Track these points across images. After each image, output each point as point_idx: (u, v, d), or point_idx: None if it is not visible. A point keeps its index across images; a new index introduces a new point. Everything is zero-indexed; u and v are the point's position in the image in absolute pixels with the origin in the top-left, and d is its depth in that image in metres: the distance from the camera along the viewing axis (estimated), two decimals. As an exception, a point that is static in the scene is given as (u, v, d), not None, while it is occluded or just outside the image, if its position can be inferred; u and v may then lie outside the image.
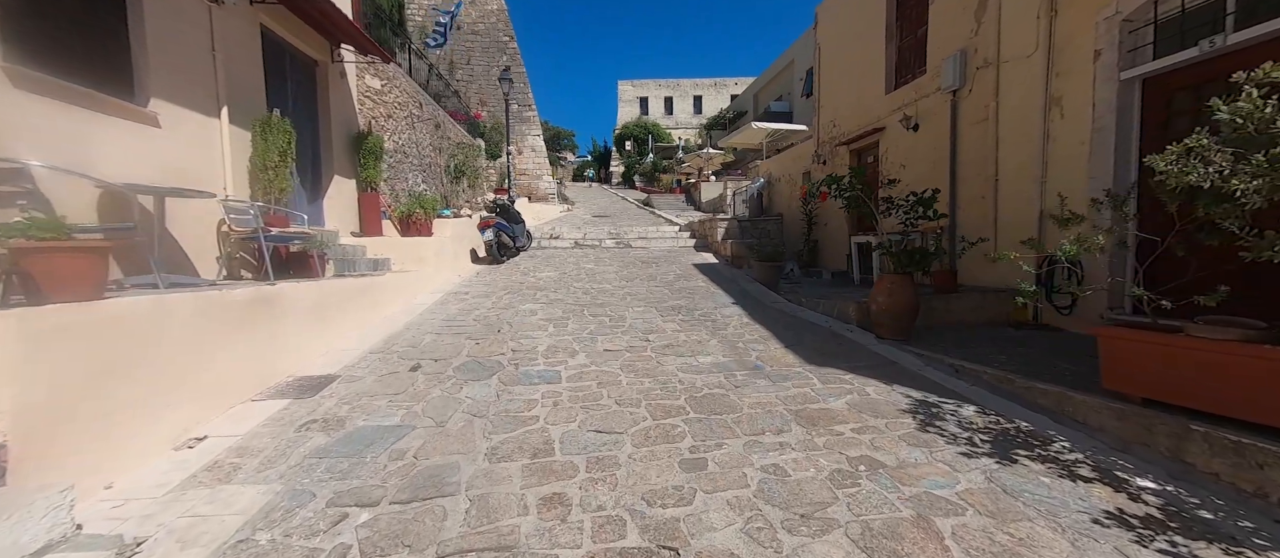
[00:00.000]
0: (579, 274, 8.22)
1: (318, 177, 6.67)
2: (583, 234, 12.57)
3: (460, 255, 8.55)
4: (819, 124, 10.70)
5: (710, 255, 10.40)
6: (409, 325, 5.19)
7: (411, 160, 9.20)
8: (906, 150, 7.78)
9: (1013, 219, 5.87)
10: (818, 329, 5.22)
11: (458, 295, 6.57)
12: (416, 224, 7.14)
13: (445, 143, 10.97)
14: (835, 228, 10.01)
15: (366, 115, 7.67)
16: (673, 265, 9.11)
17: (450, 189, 11.04)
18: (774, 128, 21.07)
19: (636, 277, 8.01)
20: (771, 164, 13.72)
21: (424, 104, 10.02)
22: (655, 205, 21.05)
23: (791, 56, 25.35)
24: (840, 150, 9.76)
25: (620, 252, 10.73)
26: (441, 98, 12.53)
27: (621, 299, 6.51)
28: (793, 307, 6.17)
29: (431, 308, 5.91)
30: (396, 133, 8.58)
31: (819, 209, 10.46)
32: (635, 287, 7.30)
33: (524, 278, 7.89)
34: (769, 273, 7.40)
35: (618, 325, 5.29)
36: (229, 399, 3.22)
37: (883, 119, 8.36)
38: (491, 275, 8.02)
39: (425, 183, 9.92)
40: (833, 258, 10.12)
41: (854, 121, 9.24)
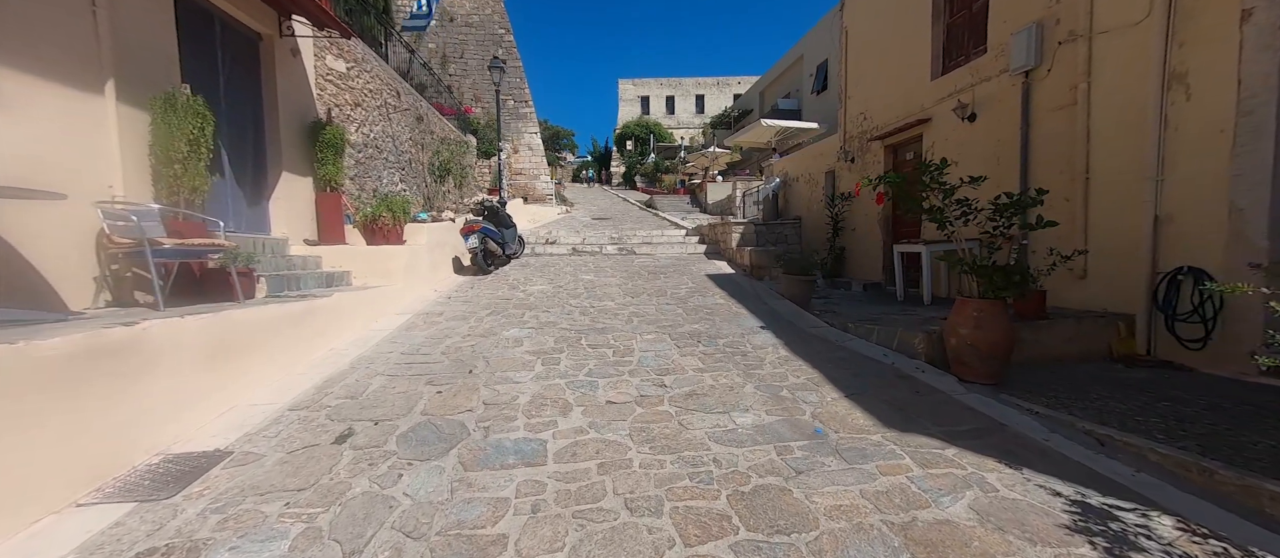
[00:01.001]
0: (576, 288, 7.09)
1: (261, 173, 5.56)
2: (582, 239, 11.46)
3: (440, 266, 7.43)
4: (845, 117, 9.59)
5: (724, 264, 9.28)
6: (358, 362, 4.07)
7: (386, 156, 8.08)
8: (958, 144, 6.66)
9: (1113, 226, 4.75)
10: (879, 368, 4.10)
11: (429, 317, 5.45)
12: (383, 230, 6.03)
13: (429, 138, 9.86)
14: (865, 233, 8.89)
15: (328, 102, 6.56)
16: (683, 276, 7.99)
17: (434, 189, 9.93)
18: (784, 125, 20.03)
19: (643, 291, 6.89)
20: (788, 163, 12.61)
21: (403, 94, 8.91)
22: (658, 207, 19.94)
23: (801, 51, 24.30)
24: (872, 146, 8.64)
25: (623, 259, 9.61)
26: (426, 89, 11.43)
27: (627, 322, 5.39)
28: (836, 333, 5.05)
29: (393, 336, 4.78)
30: (367, 124, 7.47)
31: (847, 212, 9.35)
32: (643, 304, 6.17)
33: (512, 293, 6.76)
34: (800, 288, 6.29)
35: (623, 361, 4.16)
36: (35, 507, 2.10)
37: (927, 109, 7.25)
38: (474, 290, 6.89)
39: (404, 182, 8.80)
40: (862, 267, 9.00)
41: (890, 113, 8.13)
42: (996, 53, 6.05)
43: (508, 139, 19.80)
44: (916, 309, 5.93)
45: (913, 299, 6.72)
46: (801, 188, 11.65)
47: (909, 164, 7.94)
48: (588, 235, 11.76)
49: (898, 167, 8.22)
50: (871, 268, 8.69)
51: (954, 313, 4.00)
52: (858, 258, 9.10)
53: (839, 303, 6.74)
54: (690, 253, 10.39)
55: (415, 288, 6.30)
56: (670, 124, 44.23)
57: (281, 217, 5.72)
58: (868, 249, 8.80)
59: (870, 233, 8.73)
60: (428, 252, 6.84)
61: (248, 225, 5.34)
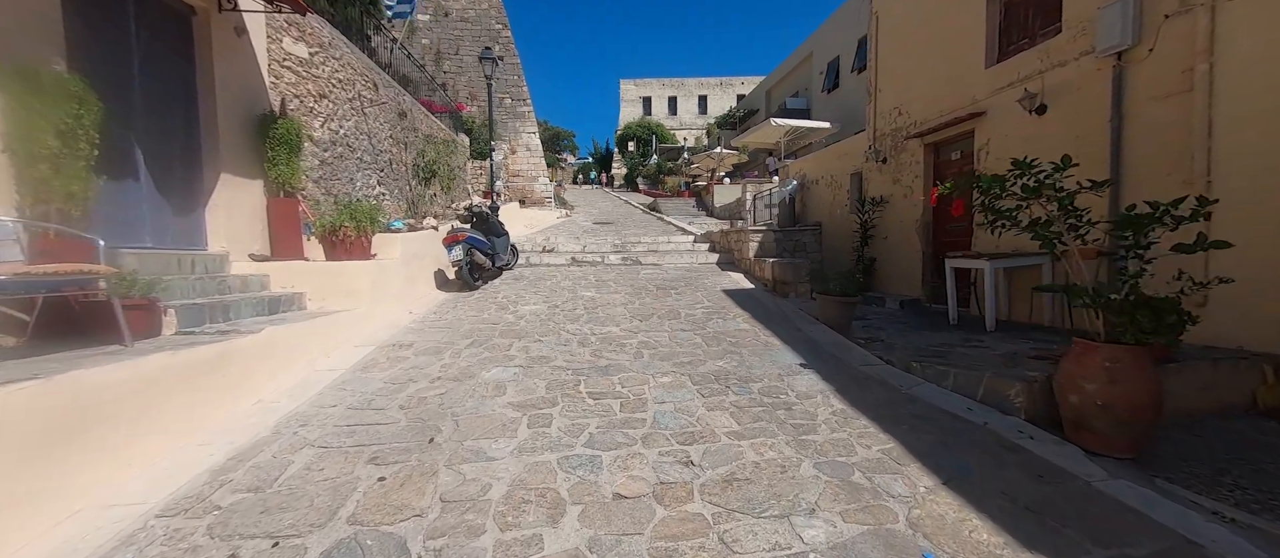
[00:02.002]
0: (575, 308, 6.12)
1: (192, 175, 4.60)
2: (582, 246, 10.50)
3: (418, 281, 6.46)
4: (875, 113, 8.62)
5: (740, 276, 8.31)
6: (286, 423, 3.10)
7: (360, 156, 7.13)
8: (1022, 141, 5.69)
9: (1250, 241, 3.77)
10: (971, 432, 3.12)
11: (395, 351, 4.48)
12: (345, 243, 5.06)
13: (413, 136, 8.90)
14: (899, 241, 7.92)
15: (284, 92, 5.60)
16: (697, 292, 7.02)
17: (419, 193, 8.97)
18: (794, 125, 19.09)
19: (653, 312, 5.91)
20: (806, 164, 11.65)
21: (382, 86, 7.96)
22: (662, 211, 19.00)
23: (810, 49, 23.37)
24: (908, 145, 7.67)
25: (628, 271, 8.64)
26: (412, 83, 10.48)
27: (635, 356, 4.42)
28: (897, 375, 4.06)
29: (343, 380, 3.81)
30: (336, 119, 6.51)
31: (878, 218, 8.38)
32: (654, 331, 5.20)
33: (500, 315, 5.79)
34: (839, 312, 5.31)
35: (634, 420, 3.19)
36: None
37: (980, 101, 6.27)
38: (457, 310, 5.92)
39: (383, 186, 7.84)
40: (896, 280, 8.02)
41: (931, 107, 7.16)
42: (1076, 32, 5.09)
43: (505, 139, 18.88)
44: (980, 337, 4.95)
45: (969, 322, 5.74)
46: (822, 191, 10.68)
47: (955, 165, 6.98)
48: (588, 242, 10.81)
49: (940, 168, 7.25)
50: (907, 281, 7.72)
51: (1073, 361, 3.03)
52: (891, 270, 8.12)
53: (880, 326, 5.77)
54: (701, 263, 9.42)
55: (385, 310, 5.34)
56: (673, 125, 43.42)
57: (221, 228, 4.76)
58: (903, 260, 7.83)
59: (906, 241, 7.76)
60: (402, 266, 5.87)
61: (175, 240, 4.39)
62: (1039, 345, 4.40)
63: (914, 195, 7.57)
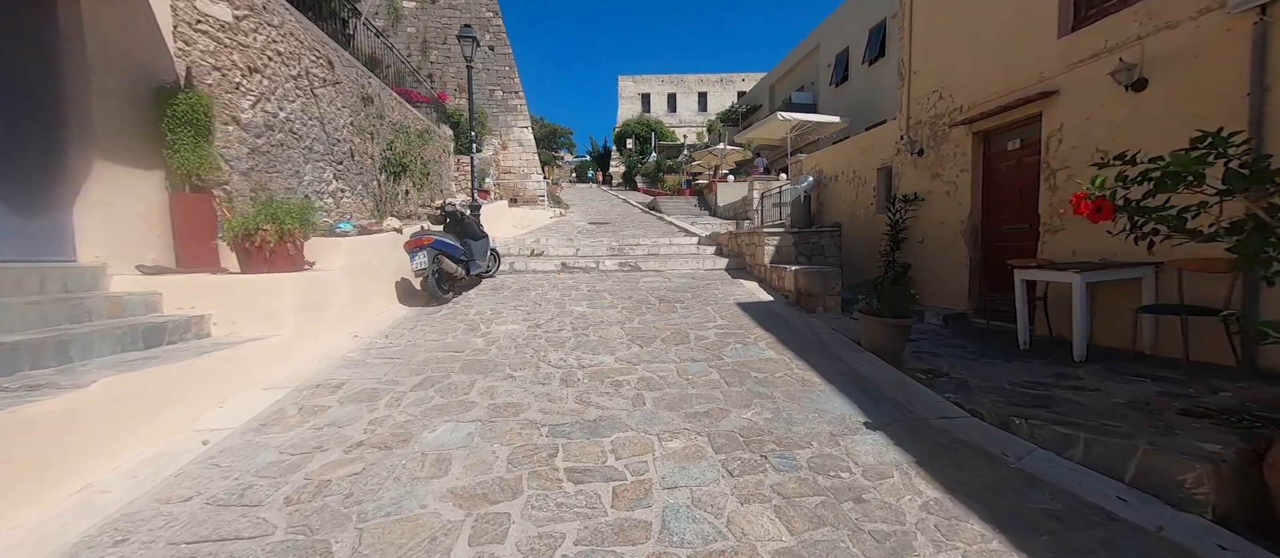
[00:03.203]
0: (561, 328, 5.04)
1: (52, 163, 3.50)
2: (575, 249, 9.42)
3: (373, 295, 5.37)
4: (908, 99, 7.55)
5: (754, 285, 7.23)
6: (94, 539, 2.02)
7: (308, 145, 6.03)
8: (1110, 125, 4.64)
9: None
10: (1145, 546, 2.04)
11: (314, 397, 3.39)
12: (262, 250, 3.96)
13: (380, 125, 7.80)
14: (940, 246, 6.85)
15: (197, 62, 4.50)
16: (707, 306, 5.95)
17: (389, 190, 7.88)
18: (802, 119, 18.05)
19: (656, 335, 4.83)
20: (823, 159, 10.57)
21: (340, 64, 6.86)
22: (663, 210, 17.92)
23: (816, 41, 22.35)
24: (952, 134, 6.61)
25: (626, 279, 7.56)
26: (382, 67, 9.37)
27: (634, 402, 3.34)
28: (995, 436, 2.96)
29: (221, 449, 2.72)
30: (273, 99, 5.42)
31: (913, 219, 7.31)
32: (657, 361, 4.12)
33: (467, 338, 4.70)
34: (889, 338, 4.24)
35: (633, 524, 2.12)
36: None
37: (1051, 78, 5.21)
38: (414, 333, 4.83)
39: (341, 180, 6.75)
40: (936, 290, 6.95)
41: (984, 88, 6.09)
42: (1193, -17, 4.02)
43: (495, 134, 17.79)
44: (1073, 371, 3.89)
45: (1044, 347, 4.68)
46: (842, 188, 9.61)
47: (1013, 156, 5.91)
48: (582, 245, 9.72)
49: (992, 160, 6.19)
50: (950, 292, 6.65)
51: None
52: (929, 279, 7.06)
53: (931, 350, 4.70)
54: (708, 269, 8.35)
55: (320, 335, 4.25)
56: (672, 122, 42.46)
57: (98, 230, 3.67)
58: (944, 268, 6.77)
59: (947, 246, 6.69)
60: (348, 278, 4.78)
61: (26, 247, 3.30)
62: (1170, 389, 3.34)
63: (959, 192, 6.50)
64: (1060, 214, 5.13)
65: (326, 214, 6.39)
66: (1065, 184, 5.07)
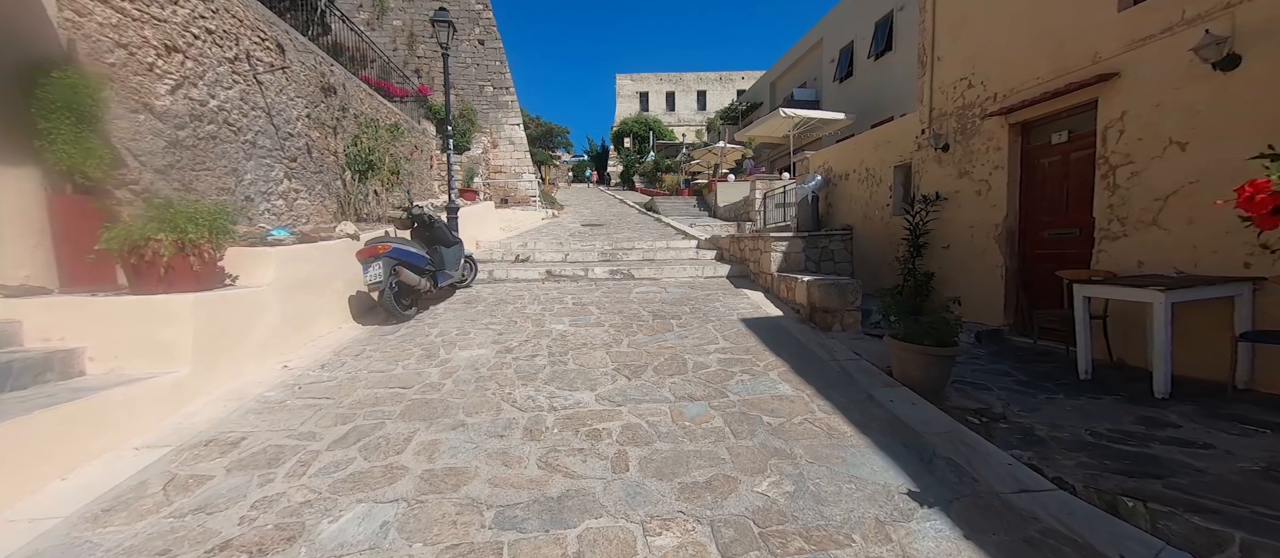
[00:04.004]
0: (536, 354, 4.27)
1: None
2: (563, 254, 8.66)
3: (315, 315, 4.59)
4: (931, 89, 6.78)
5: (759, 296, 6.47)
6: None
7: (251, 139, 5.26)
8: (1187, 112, 3.88)
9: None
10: None
11: (197, 461, 2.61)
12: (155, 266, 3.18)
13: (344, 118, 7.03)
14: (968, 252, 6.09)
15: (91, 34, 3.72)
16: (707, 322, 5.18)
17: (356, 192, 7.10)
18: (806, 115, 17.33)
19: (647, 363, 4.06)
20: (831, 156, 9.81)
21: (294, 50, 6.09)
22: (660, 211, 17.15)
23: (820, 35, 21.62)
24: (985, 125, 5.84)
25: (617, 289, 6.79)
26: (344, 53, 8.59)
27: (614, 468, 2.57)
28: (1099, 521, 2.21)
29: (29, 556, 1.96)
30: (200, 84, 4.64)
31: (937, 222, 6.55)
32: (647, 401, 3.35)
33: (420, 368, 3.92)
34: (931, 371, 3.47)
35: None
36: None
37: (1111, 58, 4.44)
38: (358, 362, 4.05)
39: (295, 180, 5.98)
40: (965, 303, 6.16)
41: (1024, 74, 5.33)
42: (1310, -67, 3.26)
43: (484, 131, 17.02)
44: (1159, 412, 3.13)
45: (1110, 377, 3.92)
46: (853, 188, 8.85)
47: (1059, 149, 5.15)
48: (572, 249, 8.96)
49: (1033, 155, 5.42)
50: (981, 304, 5.87)
51: None
52: (956, 289, 6.28)
53: (972, 378, 3.94)
54: (708, 277, 7.59)
55: (235, 369, 3.48)
56: (671, 121, 41.80)
57: (-63, 243, 2.89)
58: (974, 277, 6.00)
59: (979, 253, 5.93)
60: (277, 297, 4.01)
61: None
62: (1310, 448, 2.58)
63: (992, 192, 5.74)
64: (1120, 219, 4.37)
65: (276, 217, 5.63)
66: (1128, 183, 4.31)
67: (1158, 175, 4.11)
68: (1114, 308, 4.31)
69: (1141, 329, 4.12)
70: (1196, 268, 3.83)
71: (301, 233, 4.71)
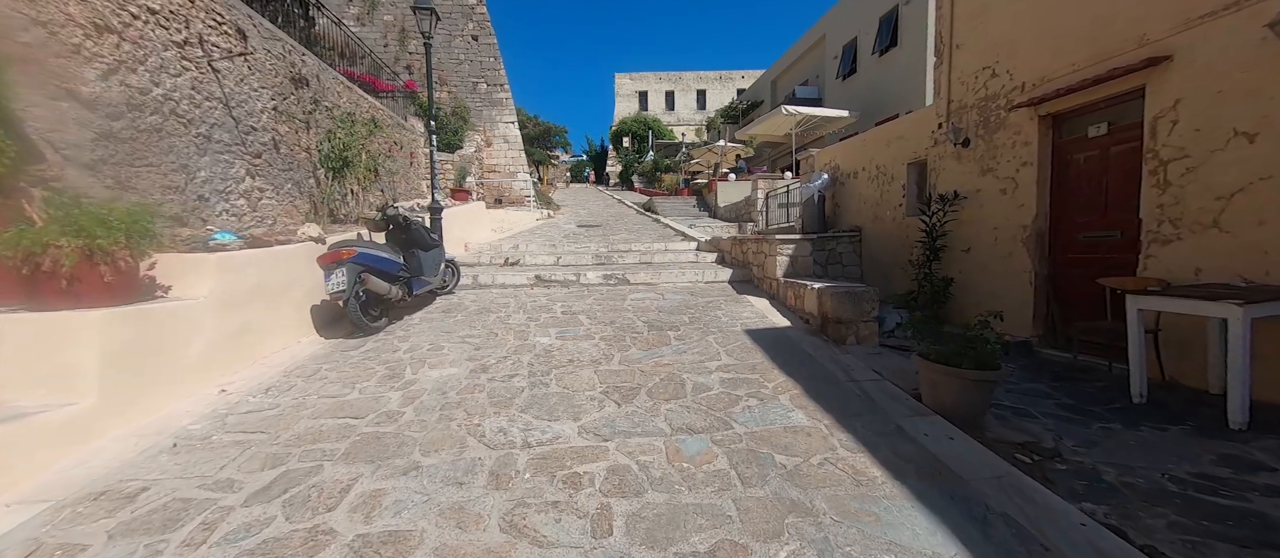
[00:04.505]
0: (515, 375, 3.77)
1: None
2: (556, 257, 8.18)
3: (266, 330, 4.10)
4: (949, 79, 6.29)
5: (763, 304, 5.97)
6: None
7: (204, 133, 4.77)
8: (1264, 98, 3.39)
9: None
10: None
11: (74, 525, 2.10)
12: (55, 277, 2.69)
13: (316, 112, 6.53)
14: (991, 256, 5.60)
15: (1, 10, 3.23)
16: (708, 334, 4.69)
17: (329, 191, 6.61)
18: (808, 113, 16.86)
19: (640, 384, 3.57)
20: (839, 153, 9.31)
21: (257, 36, 5.60)
22: (659, 211, 16.67)
23: (822, 31, 21.13)
24: (1011, 118, 5.36)
25: (610, 295, 6.30)
26: (316, 44, 8.09)
27: (594, 525, 2.07)
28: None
29: None
30: (140, 70, 4.15)
31: (955, 222, 6.06)
32: (639, 434, 2.86)
33: (379, 392, 3.43)
34: (968, 397, 2.98)
35: None
36: None
37: (1165, 40, 3.96)
38: (308, 386, 3.56)
39: (259, 178, 5.49)
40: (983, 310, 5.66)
41: (1057, 60, 4.84)
42: None
43: (478, 129, 16.52)
44: (1247, 451, 2.64)
45: (1167, 400, 3.43)
46: (862, 187, 8.36)
47: (1097, 143, 4.66)
48: (565, 252, 8.47)
49: (1066, 149, 4.94)
50: (1007, 313, 5.31)
51: None
52: (977, 296, 5.80)
53: (1013, 403, 3.46)
54: (709, 282, 7.10)
55: (159, 398, 2.99)
56: (670, 121, 41.36)
57: None
58: (999, 283, 5.51)
59: (1004, 257, 5.43)
60: (216, 311, 3.51)
61: None
62: None
63: (1019, 191, 5.25)
64: (1172, 220, 3.89)
65: (237, 218, 5.13)
66: (1182, 180, 3.83)
67: (1219, 171, 3.62)
68: (1166, 321, 3.82)
69: (1200, 346, 3.64)
70: (1268, 277, 3.35)
71: (253, 236, 4.22)
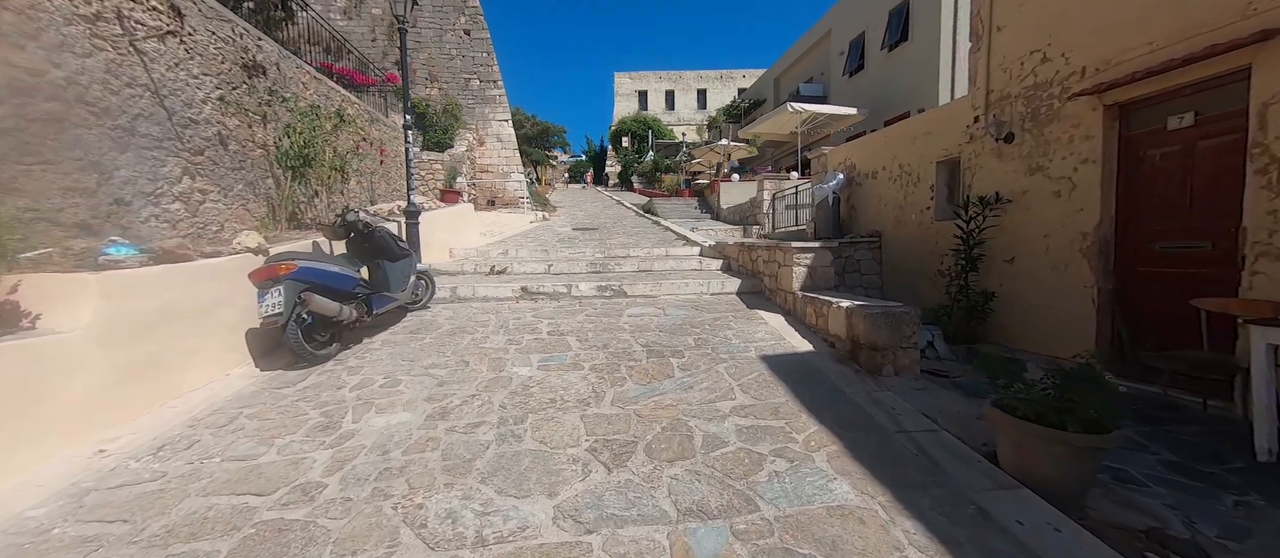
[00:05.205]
0: (480, 423, 3.04)
1: None
2: (547, 265, 7.46)
3: (183, 364, 3.37)
4: (988, 66, 5.57)
5: (778, 320, 5.23)
6: None
7: (125, 125, 4.05)
8: None
9: None
10: None
11: None
12: None
13: (272, 103, 5.81)
14: (1040, 268, 4.88)
15: None
16: (719, 364, 3.96)
17: (290, 192, 5.89)
18: (815, 111, 16.15)
19: (639, 436, 2.83)
20: (855, 151, 8.58)
21: (193, 14, 4.88)
22: (660, 213, 15.95)
23: (828, 26, 20.42)
24: (1068, 109, 4.63)
25: (605, 311, 5.57)
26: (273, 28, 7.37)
27: None
28: None
29: None
30: (31, 48, 3.43)
31: (997, 228, 5.34)
32: (634, 519, 2.13)
33: (302, 453, 2.69)
34: (1075, 469, 2.26)
35: None
36: None
37: (1274, 10, 3.24)
38: (217, 442, 2.82)
39: (201, 178, 4.77)
40: (1038, 330, 4.95)
41: (1130, 38, 4.11)
42: None
43: (470, 127, 15.80)
44: None
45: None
46: (882, 188, 7.63)
47: (1179, 136, 3.93)
48: (558, 258, 7.75)
49: (1136, 143, 4.21)
50: (1062, 334, 4.65)
51: None
52: (1025, 313, 5.07)
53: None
54: (715, 294, 6.37)
55: (6, 468, 2.26)
56: (670, 121, 40.75)
57: None
58: (1050, 299, 4.78)
59: (1061, 268, 4.71)
60: (100, 345, 2.79)
61: None
62: None
63: (1078, 192, 4.53)
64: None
65: (171, 225, 4.42)
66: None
67: (1359, 168, 2.90)
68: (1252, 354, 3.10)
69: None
70: None
71: (163, 249, 3.49)
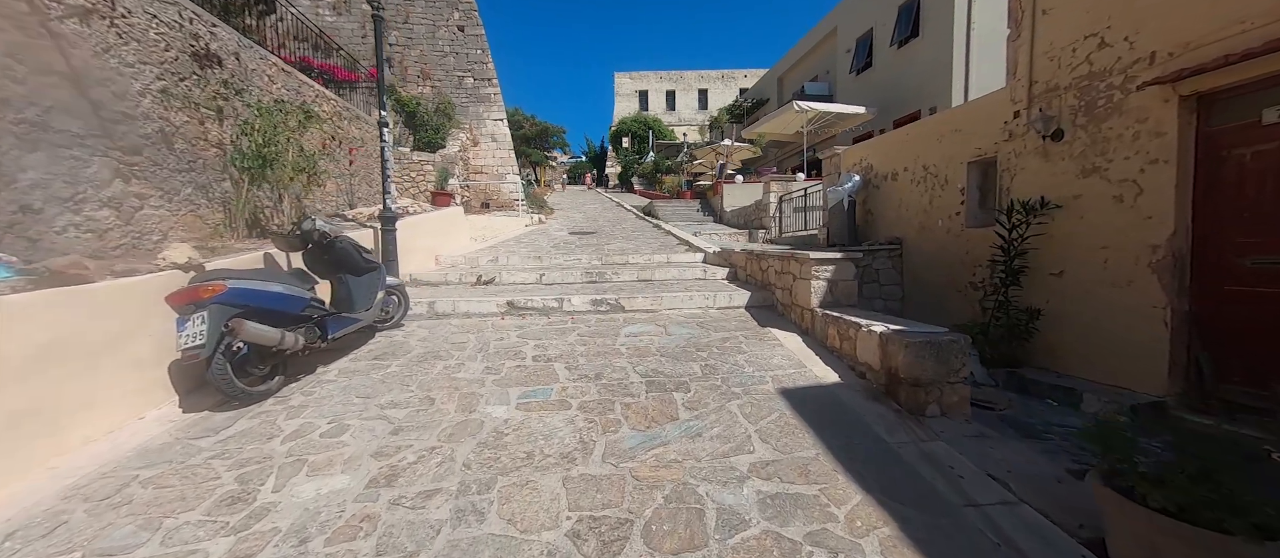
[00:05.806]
0: (435, 488, 2.42)
1: None
2: (539, 275, 6.86)
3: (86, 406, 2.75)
4: (1032, 55, 4.95)
5: (795, 340, 4.61)
6: None
7: (34, 121, 3.44)
8: None
9: None
10: None
11: None
12: None
13: (229, 97, 5.21)
14: (1097, 282, 4.25)
15: None
16: (730, 400, 3.34)
17: (250, 195, 5.28)
18: (822, 109, 15.56)
19: (634, 513, 2.22)
20: (871, 150, 7.95)
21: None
22: (660, 216, 15.34)
23: (834, 23, 19.80)
24: (1133, 100, 4.01)
25: (600, 329, 4.95)
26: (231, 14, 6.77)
27: None
28: None
29: None
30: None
31: (1044, 237, 4.72)
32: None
33: (195, 544, 2.09)
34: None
35: None
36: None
37: None
38: (84, 522, 2.19)
39: (138, 180, 4.17)
40: (1086, 353, 4.32)
41: (1215, 13, 3.48)
42: None
43: (463, 127, 15.20)
44: None
45: None
46: (902, 191, 7.01)
47: (1276, 132, 3.32)
48: (552, 266, 7.15)
49: (1221, 141, 3.59)
50: (1126, 361, 4.02)
51: None
52: (1077, 335, 4.44)
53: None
54: (722, 308, 5.75)
55: None
56: (671, 121, 40.20)
57: None
58: (1110, 319, 4.16)
59: (1124, 285, 4.08)
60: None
61: None
62: None
63: (1146, 197, 3.91)
64: None
65: (98, 236, 3.81)
66: None
67: None
68: None
69: None
70: None
71: (52, 269, 2.88)
